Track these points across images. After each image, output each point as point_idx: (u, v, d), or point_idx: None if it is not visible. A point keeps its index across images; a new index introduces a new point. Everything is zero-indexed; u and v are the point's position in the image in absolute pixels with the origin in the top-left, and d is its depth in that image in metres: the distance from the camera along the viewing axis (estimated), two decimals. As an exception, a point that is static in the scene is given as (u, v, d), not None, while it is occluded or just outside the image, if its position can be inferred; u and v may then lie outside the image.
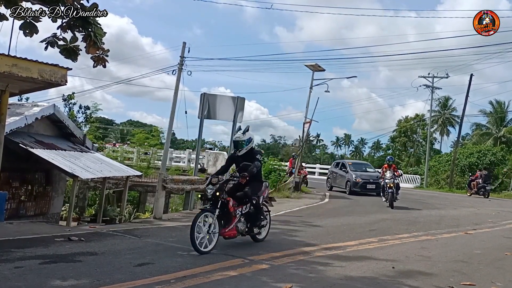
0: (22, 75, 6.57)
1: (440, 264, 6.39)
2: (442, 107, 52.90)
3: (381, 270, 5.77)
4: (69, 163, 10.57)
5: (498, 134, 43.26)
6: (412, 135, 56.69)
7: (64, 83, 7.19)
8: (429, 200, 19.52)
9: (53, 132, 12.11)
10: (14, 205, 10.60)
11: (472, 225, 11.31)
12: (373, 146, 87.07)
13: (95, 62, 5.92)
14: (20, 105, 11.72)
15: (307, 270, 5.55)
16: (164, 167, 24.66)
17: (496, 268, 6.44)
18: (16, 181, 10.78)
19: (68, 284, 4.37)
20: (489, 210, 16.02)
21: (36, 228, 8.33)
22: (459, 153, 34.10)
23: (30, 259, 5.34)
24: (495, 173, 32.06)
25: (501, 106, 44.81)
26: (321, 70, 22.34)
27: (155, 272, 4.96)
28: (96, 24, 5.58)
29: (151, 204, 17.24)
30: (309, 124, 20.59)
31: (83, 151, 12.32)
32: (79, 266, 5.11)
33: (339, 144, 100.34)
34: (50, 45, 5.60)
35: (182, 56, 25.51)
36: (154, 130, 36.93)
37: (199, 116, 12.77)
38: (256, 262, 5.78)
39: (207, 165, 26.80)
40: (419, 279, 5.41)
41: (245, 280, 4.90)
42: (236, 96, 12.77)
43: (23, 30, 5.50)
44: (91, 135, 24.59)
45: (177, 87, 25.16)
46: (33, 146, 10.31)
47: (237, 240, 7.30)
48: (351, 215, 12.11)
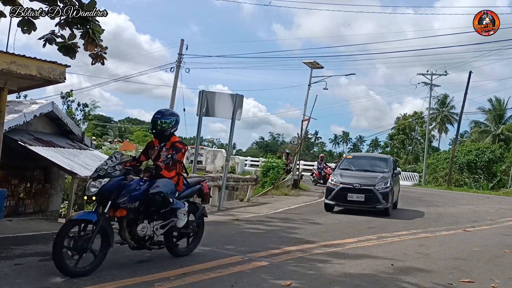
0: (21, 72, 6.55)
1: (439, 261, 6.41)
2: (440, 105, 52.96)
3: (380, 268, 5.78)
4: (68, 161, 10.56)
5: (496, 131, 43.31)
6: (411, 132, 56.70)
7: (63, 81, 7.17)
8: (427, 197, 19.53)
9: (52, 130, 12.08)
10: (13, 202, 10.60)
11: (470, 222, 11.34)
12: (371, 144, 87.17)
13: (93, 60, 5.92)
14: (18, 103, 11.69)
15: (306, 267, 5.56)
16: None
17: (495, 265, 6.46)
18: (15, 179, 10.77)
19: (68, 281, 4.37)
20: (488, 208, 16.06)
21: (35, 226, 8.33)
22: (457, 150, 34.15)
23: (30, 256, 5.34)
24: (493, 170, 32.15)
25: (500, 103, 44.86)
26: (320, 67, 22.33)
27: (155, 270, 4.96)
28: (94, 22, 5.58)
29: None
30: (308, 121, 20.57)
31: (82, 149, 12.30)
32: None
33: (337, 142, 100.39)
34: (48, 42, 5.61)
35: (180, 53, 25.52)
36: (153, 127, 36.84)
37: (198, 113, 12.75)
38: (255, 259, 5.79)
39: (205, 163, 26.83)
40: (418, 276, 5.43)
41: (245, 277, 4.90)
42: (234, 94, 12.74)
43: (21, 27, 5.49)
44: (90, 132, 24.57)
45: (175, 84, 25.20)
46: (32, 143, 10.30)
47: (236, 238, 7.32)
48: (350, 212, 12.11)
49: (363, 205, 11.68)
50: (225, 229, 8.13)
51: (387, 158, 14.06)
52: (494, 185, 31.23)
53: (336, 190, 11.92)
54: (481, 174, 33.38)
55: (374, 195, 11.52)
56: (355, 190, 11.68)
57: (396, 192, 13.18)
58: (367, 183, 11.78)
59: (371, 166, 13.22)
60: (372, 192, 11.54)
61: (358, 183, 11.76)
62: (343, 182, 11.95)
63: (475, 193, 26.30)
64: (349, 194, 11.71)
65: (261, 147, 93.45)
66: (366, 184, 11.75)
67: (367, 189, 11.61)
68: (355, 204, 11.76)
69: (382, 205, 11.49)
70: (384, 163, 13.24)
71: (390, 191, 11.78)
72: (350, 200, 11.72)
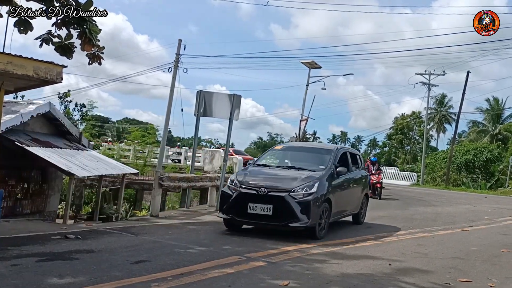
0: (17, 73, 6.52)
1: (436, 261, 6.41)
2: (438, 105, 53.07)
3: (377, 267, 5.78)
4: (65, 161, 10.52)
5: (494, 131, 43.42)
6: (409, 132, 56.80)
7: (60, 81, 7.14)
8: (425, 197, 19.56)
9: (49, 130, 12.05)
10: (10, 203, 10.55)
11: (468, 222, 11.36)
12: (369, 144, 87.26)
13: (90, 60, 5.90)
14: (15, 103, 11.65)
15: (304, 267, 5.56)
16: (161, 165, 24.64)
17: (492, 264, 6.47)
18: (12, 179, 10.72)
19: (65, 282, 4.35)
20: (486, 207, 16.10)
21: (32, 226, 8.31)
22: (455, 150, 34.23)
23: (27, 257, 5.32)
24: (491, 170, 32.22)
25: (498, 103, 44.99)
26: (318, 67, 22.39)
27: (152, 270, 4.95)
28: (91, 21, 5.56)
29: (148, 202, 17.21)
30: (306, 121, 20.63)
31: (79, 149, 12.26)
32: (76, 264, 5.10)
33: (336, 142, 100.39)
34: (45, 42, 5.58)
35: (178, 53, 25.49)
36: (150, 128, 36.84)
37: (195, 113, 12.75)
38: (253, 259, 5.78)
39: (203, 163, 26.81)
40: (415, 276, 5.43)
41: (242, 277, 4.90)
42: (232, 94, 12.74)
43: (18, 27, 5.46)
44: (87, 133, 24.53)
45: (173, 84, 25.17)
46: (29, 144, 10.26)
47: (233, 238, 7.31)
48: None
49: (270, 221, 7.43)
50: (223, 229, 8.12)
51: (333, 149, 9.26)
52: (492, 185, 31.33)
53: (233, 197, 7.70)
54: (479, 174, 33.47)
55: (287, 206, 7.31)
56: (259, 198, 7.40)
57: (354, 199, 9.49)
58: (279, 186, 7.57)
59: (305, 161, 8.84)
60: (283, 201, 7.34)
61: (265, 187, 7.48)
62: (245, 184, 7.69)
63: (473, 193, 26.36)
64: (250, 204, 7.40)
65: (259, 147, 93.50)
66: (276, 188, 7.51)
67: (277, 196, 7.39)
68: (258, 220, 7.51)
69: (300, 223, 7.29)
70: (326, 157, 8.74)
71: (316, 200, 7.48)
72: (251, 213, 7.42)
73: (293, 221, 7.32)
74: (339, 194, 8.48)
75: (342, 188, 8.77)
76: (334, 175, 8.33)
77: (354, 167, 9.63)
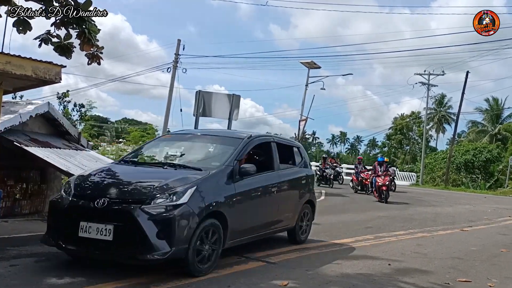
0: (16, 73, 6.52)
1: (436, 261, 6.41)
2: (438, 105, 53.08)
3: (377, 267, 5.77)
4: (64, 161, 10.50)
5: (493, 131, 43.44)
6: (408, 132, 56.83)
7: (58, 81, 7.14)
8: (424, 197, 19.57)
9: (48, 130, 12.02)
10: (9, 203, 10.54)
11: (468, 222, 11.36)
12: (369, 144, 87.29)
13: (90, 60, 5.88)
14: (14, 103, 11.62)
15: (303, 267, 5.56)
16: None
17: (492, 264, 6.47)
18: (11, 179, 10.71)
19: (63, 282, 4.35)
20: (485, 207, 16.10)
21: (31, 226, 8.30)
22: (455, 150, 34.23)
23: (26, 257, 5.31)
24: (490, 170, 32.24)
25: (497, 103, 45.01)
26: (317, 68, 22.38)
27: (151, 270, 4.94)
28: (90, 21, 5.55)
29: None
30: (305, 121, 20.62)
31: (78, 149, 12.23)
32: (74, 264, 5.09)
33: (335, 142, 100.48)
34: (44, 42, 5.56)
35: (177, 53, 25.46)
36: (149, 128, 36.91)
37: (195, 113, 12.72)
38: (252, 260, 5.78)
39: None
40: (415, 276, 5.42)
41: (241, 277, 4.89)
42: (231, 94, 12.72)
43: (17, 27, 5.45)
44: (86, 133, 24.53)
45: (172, 84, 25.14)
46: (28, 144, 10.24)
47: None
48: (347, 212, 12.12)
49: (109, 252, 4.64)
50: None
51: (241, 138, 6.19)
52: (491, 185, 31.34)
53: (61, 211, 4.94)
54: (478, 174, 33.49)
55: (135, 227, 4.55)
56: (97, 214, 4.67)
57: (285, 209, 6.77)
58: (129, 196, 4.89)
59: (197, 155, 6.34)
60: (130, 218, 4.58)
61: (109, 196, 4.80)
62: (78, 192, 5.00)
63: (472, 193, 26.38)
64: (82, 224, 4.65)
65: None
66: (124, 198, 4.83)
67: (121, 210, 4.66)
68: (92, 249, 4.66)
69: (155, 253, 4.49)
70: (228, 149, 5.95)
71: (187, 215, 4.73)
72: (83, 238, 4.64)
73: (144, 250, 4.51)
74: (247, 203, 5.81)
75: (255, 195, 6.01)
76: (236, 176, 5.57)
77: (287, 165, 7.07)
